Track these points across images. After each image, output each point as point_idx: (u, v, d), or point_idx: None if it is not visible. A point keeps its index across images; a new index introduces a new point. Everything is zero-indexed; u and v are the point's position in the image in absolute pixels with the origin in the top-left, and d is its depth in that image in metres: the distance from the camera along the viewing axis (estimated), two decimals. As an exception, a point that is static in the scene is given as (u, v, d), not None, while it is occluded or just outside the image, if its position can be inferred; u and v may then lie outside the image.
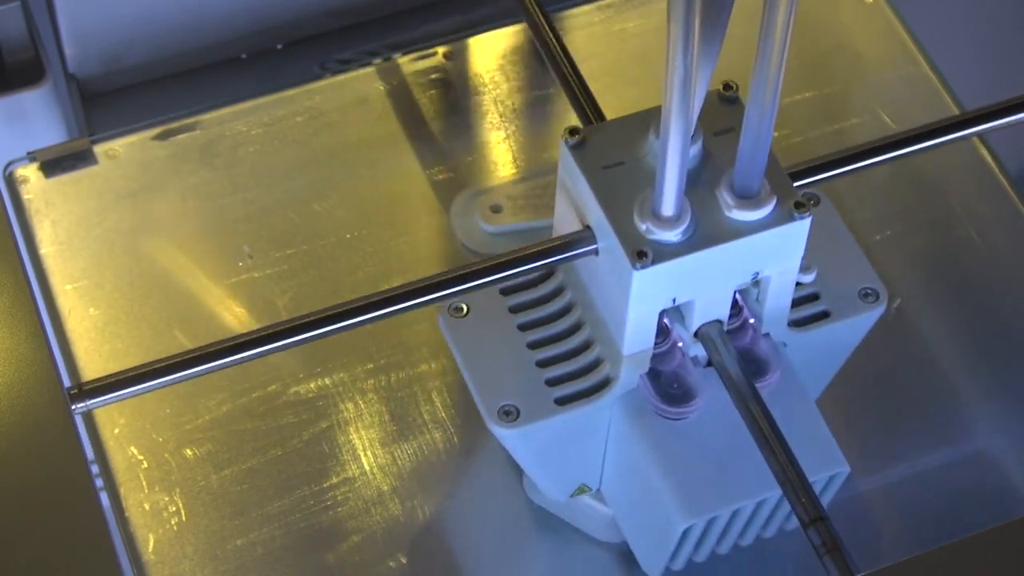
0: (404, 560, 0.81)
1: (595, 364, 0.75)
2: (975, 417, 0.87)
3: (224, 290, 0.89)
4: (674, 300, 0.71)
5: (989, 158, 0.95)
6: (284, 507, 0.83)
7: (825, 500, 0.75)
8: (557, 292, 0.76)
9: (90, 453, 0.83)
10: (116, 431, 0.84)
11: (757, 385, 0.72)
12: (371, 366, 0.87)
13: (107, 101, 0.98)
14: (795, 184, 0.71)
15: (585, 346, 0.75)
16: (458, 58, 0.98)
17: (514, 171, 0.93)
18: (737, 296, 0.73)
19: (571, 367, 0.75)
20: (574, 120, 0.95)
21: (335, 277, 0.89)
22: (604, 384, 0.74)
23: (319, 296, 0.89)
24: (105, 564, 0.63)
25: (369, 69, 0.97)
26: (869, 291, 0.78)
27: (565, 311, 0.76)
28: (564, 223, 0.74)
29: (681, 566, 0.78)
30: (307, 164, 0.94)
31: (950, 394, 0.87)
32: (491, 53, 0.98)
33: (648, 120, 0.72)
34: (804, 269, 0.74)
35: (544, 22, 0.82)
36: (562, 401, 0.74)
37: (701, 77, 0.68)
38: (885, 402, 0.87)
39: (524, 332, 0.76)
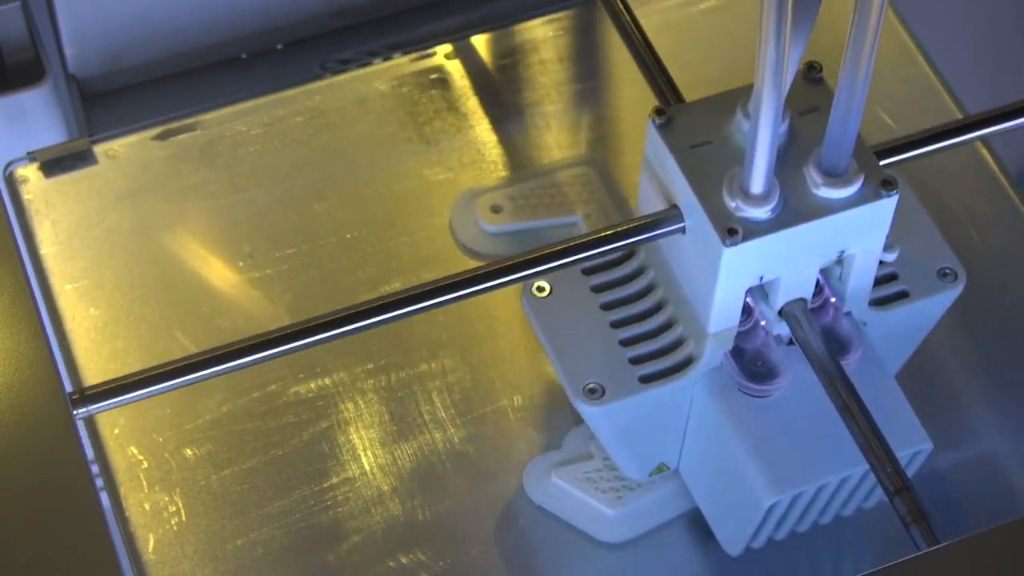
0: (404, 560, 0.81)
1: (679, 343, 0.76)
2: (975, 417, 0.87)
3: (224, 290, 0.89)
4: (761, 278, 0.72)
5: (989, 158, 0.95)
6: (284, 507, 0.83)
7: (911, 473, 0.76)
8: (639, 272, 0.77)
9: (90, 453, 0.83)
10: (116, 431, 0.84)
11: (841, 361, 0.73)
12: (371, 366, 0.87)
13: (107, 101, 0.98)
14: (881, 163, 0.73)
15: (668, 325, 0.76)
16: (458, 58, 0.98)
17: (514, 171, 0.93)
18: (820, 278, 0.74)
19: (655, 346, 0.76)
20: (575, 120, 0.96)
21: (335, 277, 0.89)
22: (688, 362, 0.75)
23: (319, 296, 0.89)
24: (105, 564, 0.63)
25: (369, 69, 0.97)
26: (948, 270, 0.79)
27: (648, 291, 0.77)
28: (649, 203, 0.75)
29: (762, 544, 0.79)
30: (307, 164, 0.94)
31: (950, 394, 0.87)
32: (491, 53, 0.98)
33: (734, 100, 0.73)
34: (888, 247, 0.75)
35: (621, 3, 0.83)
36: (647, 379, 0.75)
37: (793, 57, 0.69)
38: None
39: (607, 311, 0.77)
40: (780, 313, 0.74)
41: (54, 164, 0.93)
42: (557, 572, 0.82)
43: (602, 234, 0.73)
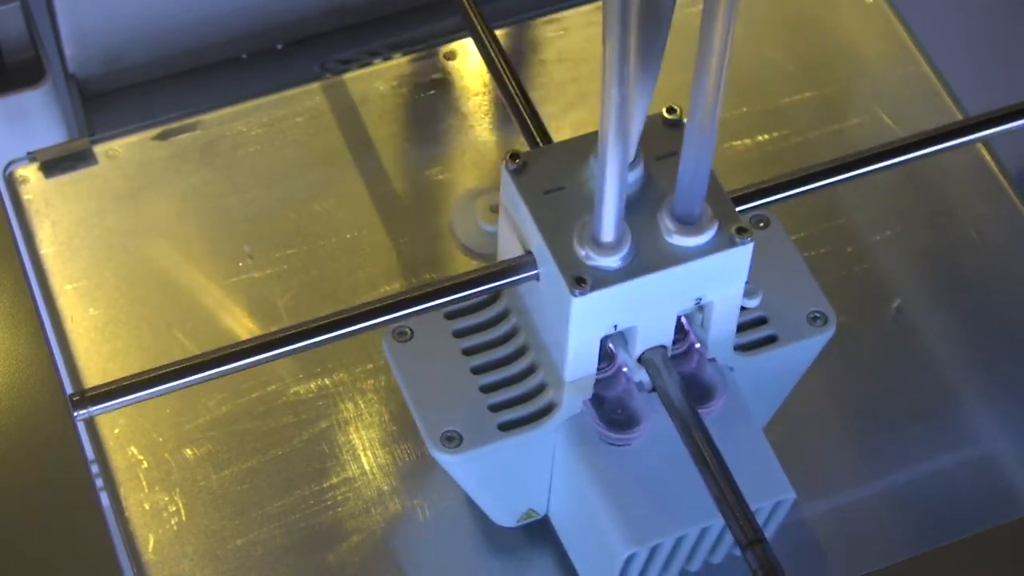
0: (404, 560, 0.81)
1: (539, 389, 0.74)
2: (975, 417, 0.87)
3: (224, 290, 0.89)
4: (615, 327, 0.71)
5: (989, 158, 0.95)
6: (284, 507, 0.83)
7: (771, 527, 0.75)
8: (501, 317, 0.76)
9: (90, 453, 0.83)
10: (116, 431, 0.84)
11: (702, 410, 0.72)
12: (371, 366, 0.87)
13: (107, 101, 0.98)
14: (740, 208, 0.71)
15: (529, 371, 0.75)
16: (458, 58, 0.98)
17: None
18: (683, 320, 0.73)
19: (515, 392, 0.74)
20: (575, 120, 0.96)
21: (335, 277, 0.89)
22: (548, 410, 0.74)
23: (319, 296, 0.89)
24: (105, 564, 0.63)
25: (369, 69, 0.97)
26: (817, 314, 0.77)
27: (509, 336, 0.75)
28: (508, 247, 0.73)
29: None
30: (307, 164, 0.94)
31: (950, 394, 0.87)
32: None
33: (589, 144, 0.71)
34: (749, 293, 0.73)
35: (489, 39, 0.81)
36: (505, 427, 0.74)
37: (639, 100, 0.67)
38: (884, 402, 0.87)
39: (468, 356, 0.75)
40: (640, 360, 0.73)
41: (54, 164, 0.93)
42: (557, 572, 0.82)
43: (461, 279, 0.72)
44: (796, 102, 0.97)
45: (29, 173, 0.92)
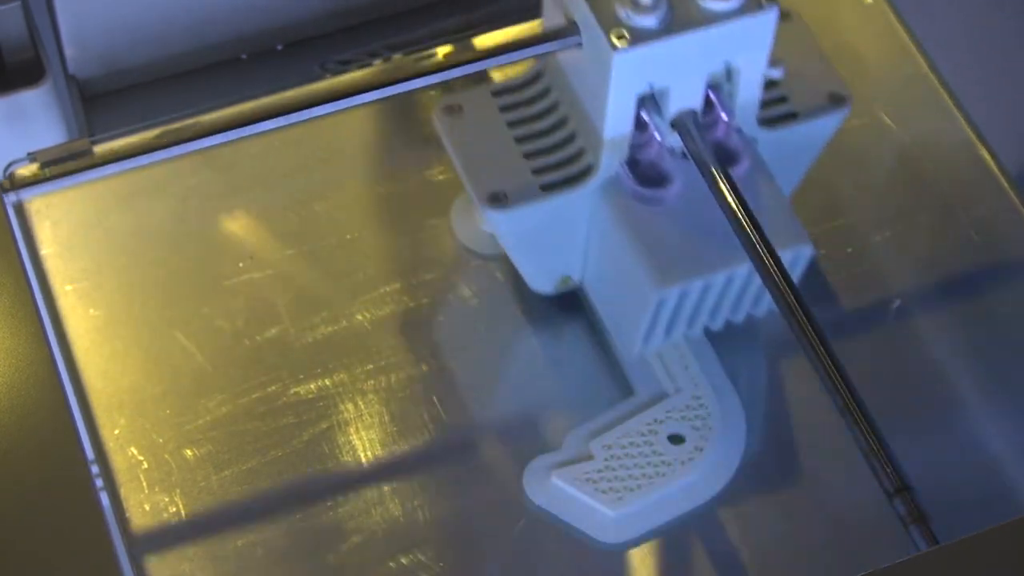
0: (404, 560, 0.81)
1: (578, 154, 0.81)
2: (975, 417, 0.87)
3: (224, 290, 0.89)
4: (651, 86, 0.77)
5: (989, 158, 0.95)
6: (284, 508, 0.83)
7: (794, 276, 0.81)
8: (544, 92, 0.83)
9: (90, 453, 0.83)
10: (116, 431, 0.84)
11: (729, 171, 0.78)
12: (371, 367, 0.87)
13: (107, 101, 0.98)
14: None
15: (569, 138, 0.82)
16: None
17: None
18: (710, 93, 0.79)
19: (556, 157, 0.82)
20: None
21: (335, 278, 0.90)
22: (586, 172, 0.81)
23: (319, 296, 0.89)
24: (105, 564, 0.63)
25: (369, 69, 0.97)
26: (836, 95, 0.85)
27: (551, 108, 0.82)
28: (551, 20, 0.80)
29: (655, 346, 0.84)
30: (307, 165, 0.94)
31: (950, 394, 0.87)
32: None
33: None
34: (773, 64, 0.80)
35: None
36: (547, 187, 0.81)
37: None
38: (884, 402, 0.87)
39: (513, 128, 0.83)
40: (672, 124, 0.79)
41: (55, 164, 0.93)
42: (557, 572, 0.82)
43: (507, 42, 0.79)
44: (796, 102, 0.97)
45: (29, 173, 0.92)
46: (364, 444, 0.85)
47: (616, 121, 0.79)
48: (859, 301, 0.90)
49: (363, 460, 0.84)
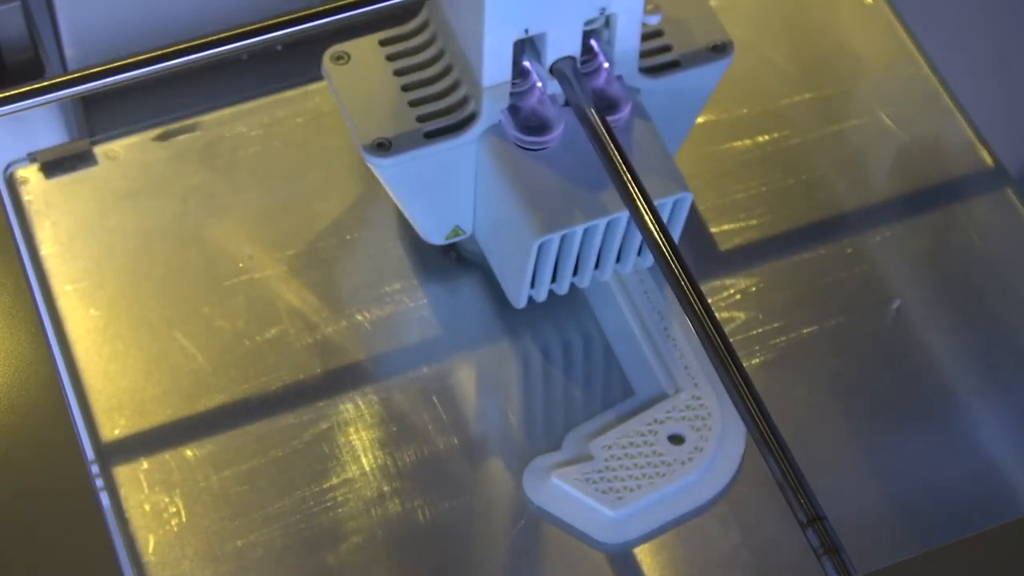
0: (404, 560, 0.81)
1: (462, 102, 0.82)
2: (974, 417, 0.87)
3: (224, 291, 0.89)
4: (526, 31, 0.78)
5: (989, 158, 0.95)
6: (284, 508, 0.83)
7: (675, 227, 0.83)
8: (430, 41, 0.84)
9: (90, 453, 0.83)
10: (116, 431, 0.84)
11: (609, 119, 0.79)
12: (371, 367, 0.87)
13: (107, 102, 0.98)
14: None
15: (453, 87, 0.82)
16: (458, 59, 0.98)
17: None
18: (592, 42, 0.81)
19: (440, 105, 0.82)
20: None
21: (335, 278, 0.89)
22: (470, 119, 0.81)
23: (319, 297, 0.89)
24: (105, 565, 0.63)
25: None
26: (719, 44, 0.85)
27: (437, 58, 0.84)
28: None
29: (543, 297, 0.85)
30: (307, 165, 0.94)
31: (950, 395, 0.87)
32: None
33: None
34: (650, 11, 0.80)
35: None
36: (431, 135, 0.82)
37: None
38: (884, 402, 0.87)
39: (399, 77, 0.83)
40: (551, 71, 0.80)
41: (54, 165, 0.93)
42: (557, 572, 0.82)
43: None
44: (796, 103, 0.97)
45: (29, 174, 0.92)
46: (364, 445, 0.85)
47: (494, 67, 0.79)
48: (859, 301, 0.90)
49: (363, 461, 0.84)
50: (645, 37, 0.82)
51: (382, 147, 0.81)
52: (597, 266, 0.85)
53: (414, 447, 0.84)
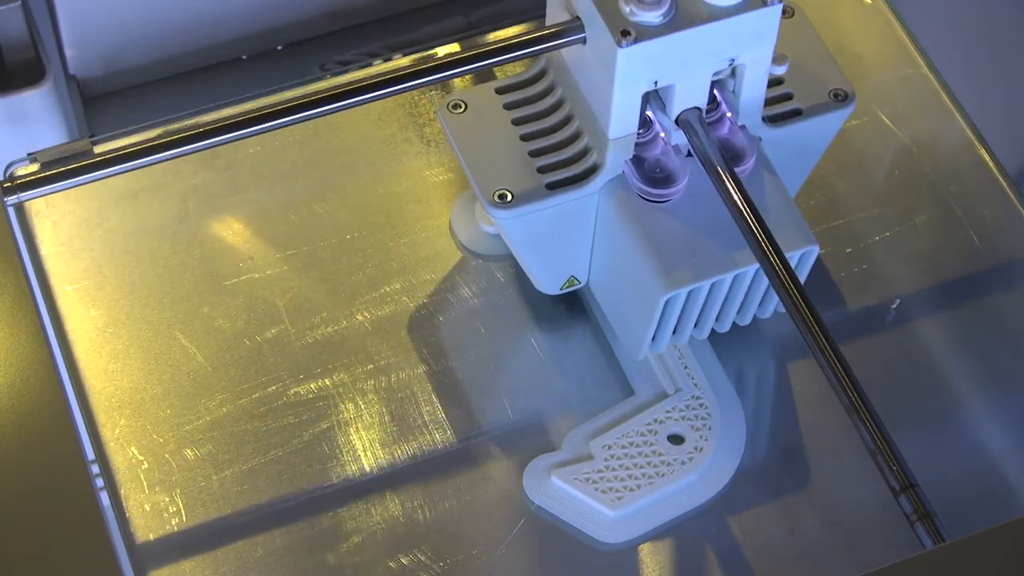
0: (404, 560, 0.81)
1: (584, 152, 0.81)
2: (975, 417, 0.87)
3: (224, 290, 0.89)
4: (656, 83, 0.77)
5: (989, 158, 0.95)
6: (284, 507, 0.83)
7: (801, 275, 0.81)
8: (549, 89, 0.83)
9: (90, 453, 0.83)
10: (116, 431, 0.84)
11: (735, 170, 0.78)
12: (371, 367, 0.87)
13: (107, 102, 0.98)
14: None
15: (575, 137, 0.81)
16: (458, 59, 0.98)
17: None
18: (715, 92, 0.79)
19: (562, 156, 0.81)
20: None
21: (335, 278, 0.90)
22: (592, 170, 0.80)
23: (319, 296, 0.89)
24: (105, 564, 0.63)
25: (369, 69, 0.97)
26: (840, 92, 0.84)
27: (557, 106, 0.82)
28: (555, 17, 0.80)
29: (662, 348, 0.84)
30: (307, 165, 0.94)
31: (950, 395, 0.87)
32: (491, 54, 0.98)
33: None
34: (777, 60, 0.79)
35: None
36: (553, 186, 0.80)
37: None
38: (884, 402, 0.87)
39: (518, 126, 0.82)
40: (677, 122, 0.79)
41: (54, 165, 0.93)
42: (557, 572, 0.82)
43: (511, 42, 0.79)
44: (796, 102, 0.97)
45: (29, 173, 0.92)
46: (364, 444, 0.85)
47: (621, 119, 0.79)
48: (859, 301, 0.90)
49: (363, 460, 0.84)
50: (767, 85, 0.81)
51: (503, 199, 0.80)
52: (717, 317, 0.84)
53: (414, 447, 0.84)
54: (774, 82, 0.82)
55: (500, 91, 0.83)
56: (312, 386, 0.86)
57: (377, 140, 0.94)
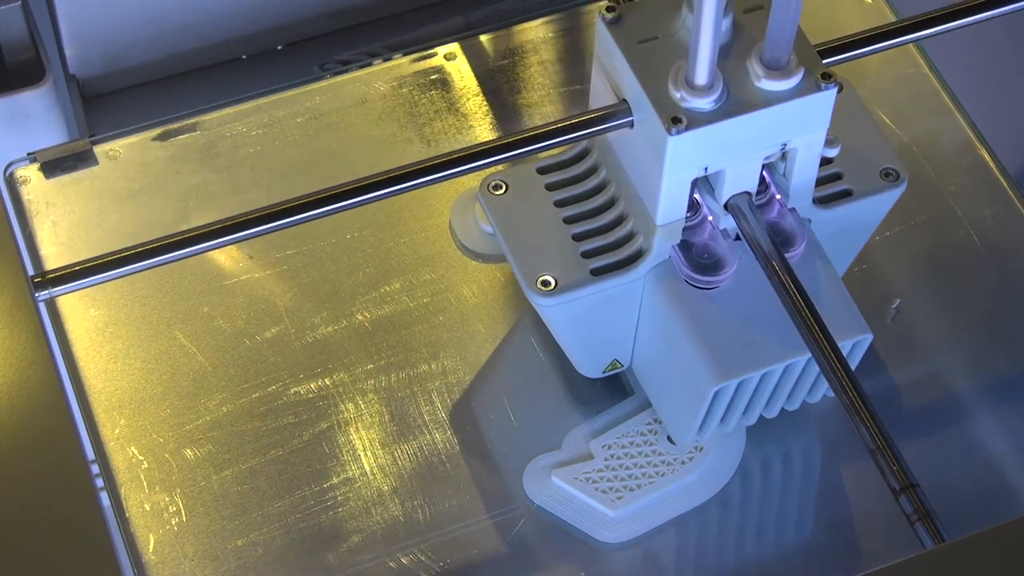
0: (404, 560, 0.81)
1: (629, 237, 0.78)
2: (974, 417, 0.87)
3: (224, 290, 0.89)
4: (706, 169, 0.74)
5: (989, 158, 0.95)
6: (284, 507, 0.83)
7: (852, 364, 0.78)
8: (592, 170, 0.80)
9: (90, 453, 0.83)
10: (116, 431, 0.84)
11: (786, 255, 0.75)
12: (371, 366, 0.87)
13: (107, 101, 0.98)
14: (824, 61, 0.75)
15: (619, 220, 0.78)
16: (458, 58, 0.98)
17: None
18: (764, 173, 0.76)
19: (606, 240, 0.78)
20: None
21: (335, 278, 0.89)
22: (638, 256, 0.78)
23: (319, 297, 0.89)
24: (105, 564, 0.63)
25: (369, 70, 0.97)
26: (891, 171, 0.81)
27: (600, 188, 0.79)
28: (600, 99, 0.77)
29: (708, 435, 0.81)
30: (307, 165, 0.94)
31: (950, 395, 0.87)
32: (491, 53, 0.98)
33: None
34: (829, 143, 0.76)
35: None
36: (597, 272, 0.78)
37: None
38: (884, 402, 0.87)
39: (561, 208, 0.79)
40: (726, 206, 0.76)
41: (54, 165, 0.93)
42: (557, 572, 0.82)
43: (555, 127, 0.75)
44: (796, 102, 0.97)
45: (29, 173, 0.92)
46: (364, 444, 0.85)
47: (669, 206, 0.75)
48: (859, 301, 0.90)
49: (363, 460, 0.84)
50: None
51: (547, 286, 0.78)
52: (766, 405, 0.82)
53: (414, 447, 0.84)
54: (823, 161, 0.79)
55: (542, 171, 0.80)
56: (312, 386, 0.86)
57: (377, 140, 0.94)
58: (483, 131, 0.95)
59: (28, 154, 0.93)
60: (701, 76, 0.72)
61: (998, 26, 1.00)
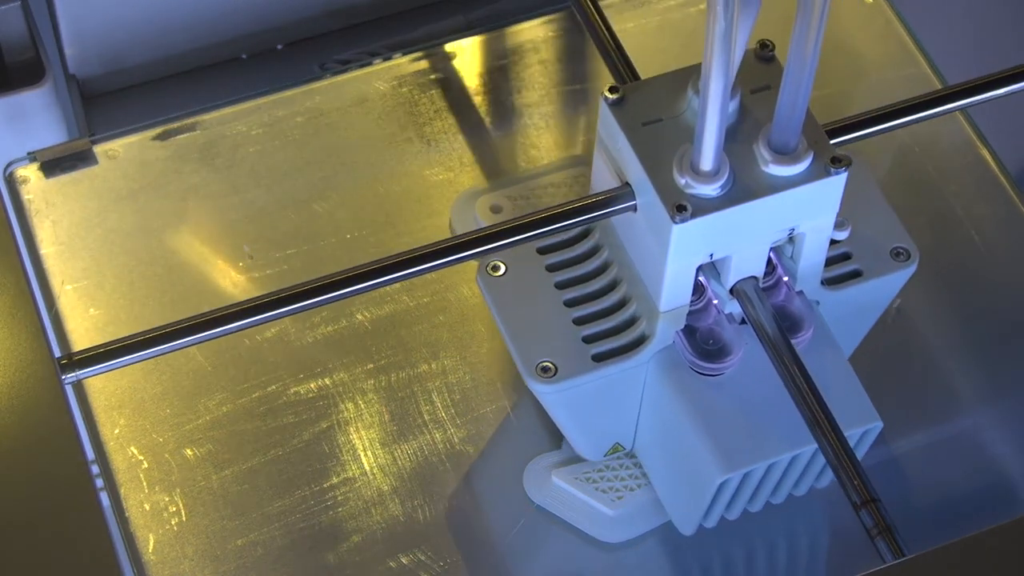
0: (404, 560, 0.81)
1: (631, 321, 0.76)
2: (974, 417, 0.87)
3: (224, 290, 0.89)
4: (711, 255, 0.72)
5: (989, 158, 0.95)
6: (284, 507, 0.83)
7: (860, 453, 0.76)
8: (594, 251, 0.78)
9: (90, 453, 0.83)
10: (116, 431, 0.84)
11: (792, 340, 0.73)
12: (371, 366, 0.87)
13: (107, 101, 0.98)
14: (832, 141, 0.73)
15: (621, 304, 0.76)
16: (458, 58, 0.98)
17: (513, 171, 0.93)
18: (771, 254, 0.74)
19: (608, 324, 0.76)
20: (573, 121, 0.96)
21: (335, 277, 0.89)
22: (640, 341, 0.75)
23: (319, 296, 0.88)
24: (105, 564, 0.63)
25: (369, 69, 0.97)
26: (901, 250, 0.79)
27: (602, 270, 0.77)
28: (602, 181, 0.75)
29: (714, 523, 0.79)
30: (307, 164, 0.94)
31: (950, 394, 0.87)
32: (491, 53, 0.98)
33: (686, 78, 0.73)
34: (839, 226, 0.74)
35: None
36: (599, 358, 0.76)
37: (741, 33, 0.69)
38: (884, 402, 0.87)
39: (561, 290, 0.77)
40: (731, 291, 0.74)
41: (54, 164, 0.93)
42: (557, 572, 0.82)
43: (556, 211, 0.73)
44: (796, 102, 0.97)
45: (29, 173, 0.92)
46: (364, 444, 0.85)
47: (673, 292, 0.74)
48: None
49: (363, 460, 0.84)
50: None
51: (546, 372, 0.75)
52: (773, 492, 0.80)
53: (414, 447, 0.84)
54: (832, 242, 0.76)
55: (542, 251, 0.78)
56: (312, 386, 0.86)
57: (377, 140, 0.94)
58: (482, 131, 0.95)
59: (28, 154, 0.93)
60: (707, 162, 0.69)
61: (998, 25, 1.00)
